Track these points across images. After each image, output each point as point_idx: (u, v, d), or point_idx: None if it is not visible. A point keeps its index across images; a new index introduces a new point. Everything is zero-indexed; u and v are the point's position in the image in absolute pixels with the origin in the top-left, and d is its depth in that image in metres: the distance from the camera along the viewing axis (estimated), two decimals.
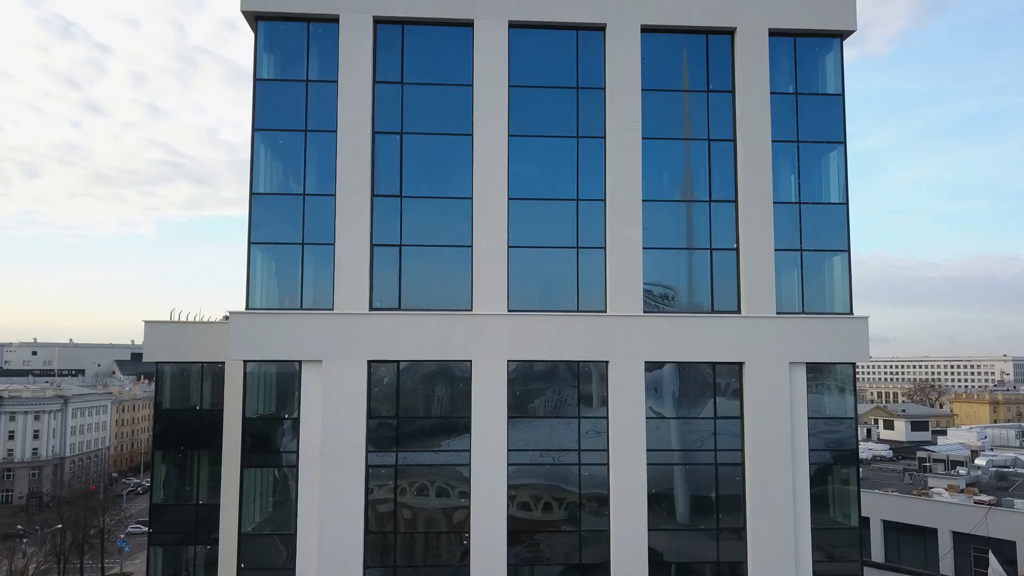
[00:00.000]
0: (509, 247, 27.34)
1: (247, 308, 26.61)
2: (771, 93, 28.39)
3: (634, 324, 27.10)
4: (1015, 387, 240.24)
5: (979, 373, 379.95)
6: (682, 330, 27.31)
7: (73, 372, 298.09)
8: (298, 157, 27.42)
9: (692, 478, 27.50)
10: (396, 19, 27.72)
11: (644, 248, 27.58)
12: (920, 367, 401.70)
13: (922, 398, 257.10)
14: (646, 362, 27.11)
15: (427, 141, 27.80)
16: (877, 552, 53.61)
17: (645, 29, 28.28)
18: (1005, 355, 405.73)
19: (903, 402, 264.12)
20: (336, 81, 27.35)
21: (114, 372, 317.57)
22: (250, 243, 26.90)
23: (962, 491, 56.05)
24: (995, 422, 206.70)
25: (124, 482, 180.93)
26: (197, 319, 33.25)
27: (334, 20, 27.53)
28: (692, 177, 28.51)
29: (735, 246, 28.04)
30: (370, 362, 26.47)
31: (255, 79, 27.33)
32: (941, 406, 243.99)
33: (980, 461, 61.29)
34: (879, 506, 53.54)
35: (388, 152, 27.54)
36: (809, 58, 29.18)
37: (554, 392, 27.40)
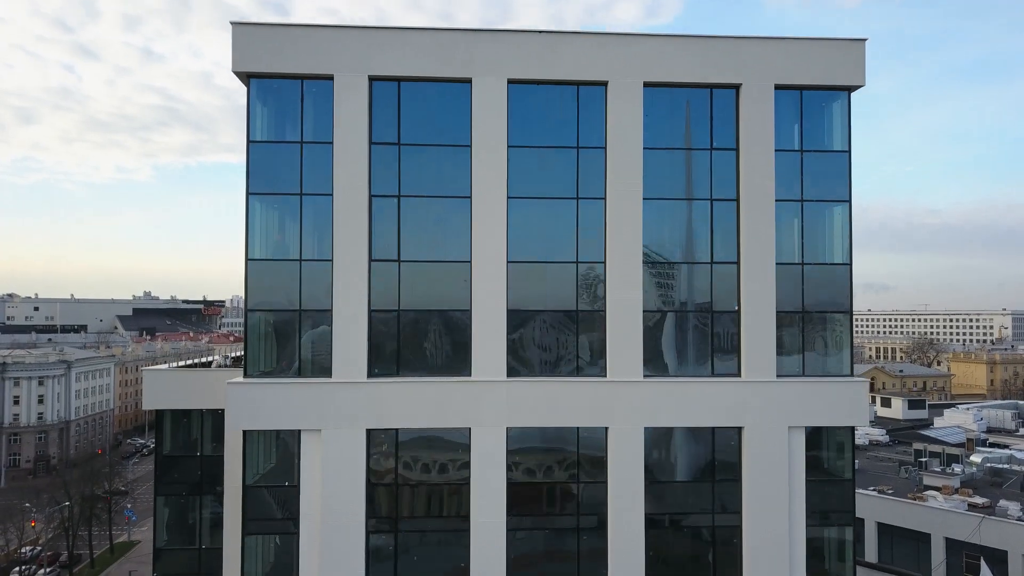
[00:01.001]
0: (508, 310, 27.09)
1: (245, 376, 26.51)
2: (776, 150, 27.75)
3: (634, 389, 27.04)
4: (1013, 346, 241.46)
5: (978, 327, 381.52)
6: (682, 395, 27.25)
7: (75, 328, 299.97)
8: (294, 220, 26.97)
9: (689, 540, 27.75)
10: (392, 77, 26.96)
11: (645, 311, 27.31)
12: (919, 320, 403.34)
13: (920, 356, 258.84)
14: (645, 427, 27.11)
15: (424, 204, 27.30)
16: (871, 553, 54.57)
17: (648, 84, 27.52)
18: (1004, 309, 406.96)
19: (901, 360, 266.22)
20: (331, 142, 26.72)
21: (116, 328, 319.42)
22: (247, 310, 26.66)
23: (957, 490, 56.80)
24: (992, 383, 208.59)
25: (129, 443, 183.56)
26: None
27: (328, 78, 26.78)
28: (694, 237, 28.06)
29: (736, 307, 27.78)
30: (369, 431, 26.48)
31: (248, 140, 26.73)
32: (939, 364, 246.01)
33: (975, 458, 61.89)
34: (874, 508, 54.25)
35: (385, 216, 27.09)
36: (815, 109, 28.46)
37: (553, 456, 27.49)
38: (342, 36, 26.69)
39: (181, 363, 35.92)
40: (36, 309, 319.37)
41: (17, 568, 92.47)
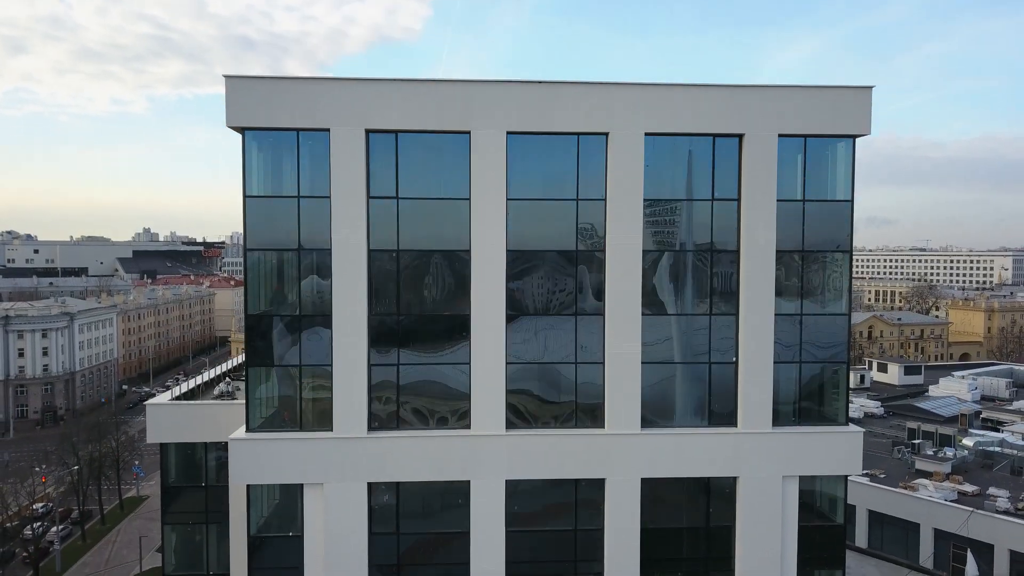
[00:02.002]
0: (508, 364, 27.26)
1: (247, 431, 26.84)
2: (778, 200, 27.47)
3: (632, 441, 27.41)
4: (1012, 293, 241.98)
5: (979, 268, 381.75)
6: (679, 446, 27.63)
7: (76, 271, 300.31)
8: (293, 274, 26.88)
9: None
10: (389, 130, 26.49)
11: (643, 363, 27.48)
12: (919, 261, 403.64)
13: (919, 302, 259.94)
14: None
15: (424, 255, 27.17)
16: (861, 538, 56.01)
17: (650, 134, 27.06)
18: (1005, 248, 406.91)
19: (900, 308, 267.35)
20: (329, 196, 26.43)
21: (116, 270, 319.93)
22: (248, 366, 26.81)
23: (948, 476, 57.93)
24: (989, 330, 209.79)
25: (135, 391, 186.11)
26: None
27: (324, 131, 26.32)
28: (693, 286, 28.00)
29: (734, 359, 27.93)
30: (370, 484, 26.97)
31: (244, 195, 26.43)
32: (937, 310, 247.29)
33: (968, 442, 62.86)
34: (866, 496, 55.48)
35: (384, 269, 26.99)
36: (819, 155, 28.04)
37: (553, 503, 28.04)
38: (338, 89, 26.11)
39: (185, 383, 36.24)
40: (36, 252, 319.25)
41: (30, 525, 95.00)
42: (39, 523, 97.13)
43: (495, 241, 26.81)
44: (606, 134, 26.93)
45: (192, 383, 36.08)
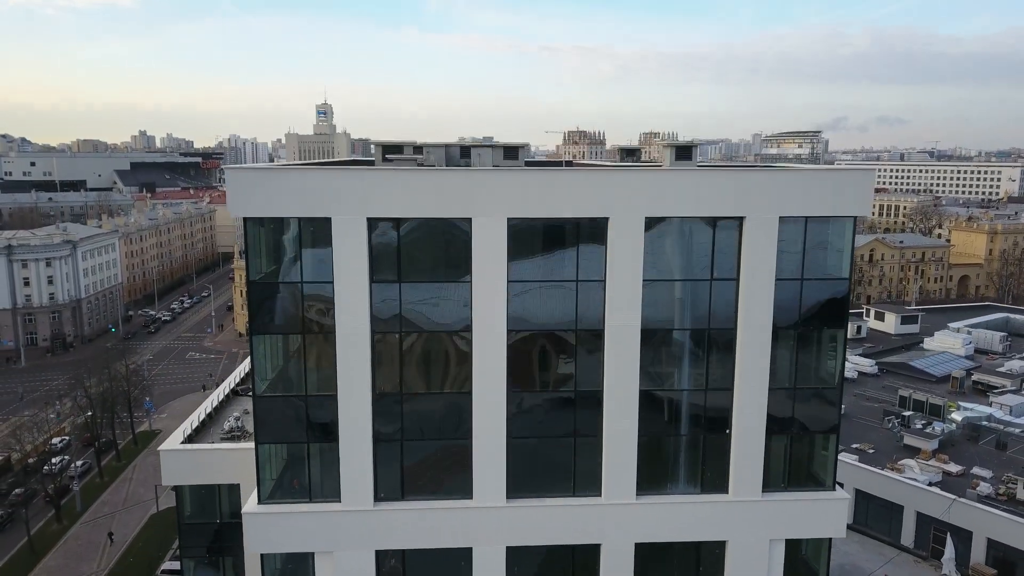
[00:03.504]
0: (510, 439, 28.21)
1: (259, 502, 28.07)
2: (776, 280, 27.75)
3: (627, 509, 28.68)
4: (1016, 213, 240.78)
5: (986, 180, 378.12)
6: (672, 513, 28.91)
7: (74, 184, 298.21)
8: (297, 355, 27.50)
9: None
10: (391, 218, 26.53)
11: (639, 437, 28.43)
12: (926, 172, 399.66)
13: (922, 219, 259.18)
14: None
15: (425, 340, 27.69)
16: (848, 514, 58.39)
17: (649, 218, 27.10)
18: (1015, 149, 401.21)
19: (904, 223, 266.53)
20: (332, 282, 26.74)
21: (115, 183, 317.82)
22: (258, 444, 27.79)
23: (935, 453, 59.90)
24: (990, 252, 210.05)
25: (140, 314, 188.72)
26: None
27: (326, 220, 26.37)
28: (691, 363, 28.62)
29: (728, 430, 28.86)
30: (377, 551, 28.42)
31: (247, 280, 26.73)
32: (940, 227, 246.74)
33: (956, 416, 64.58)
34: (853, 476, 57.54)
35: (389, 350, 27.57)
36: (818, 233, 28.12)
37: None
38: (339, 180, 26.00)
39: (195, 414, 37.33)
40: (33, 164, 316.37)
41: (49, 461, 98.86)
42: (58, 458, 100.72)
43: (496, 321, 27.26)
44: (606, 219, 26.92)
45: (201, 412, 37.18)
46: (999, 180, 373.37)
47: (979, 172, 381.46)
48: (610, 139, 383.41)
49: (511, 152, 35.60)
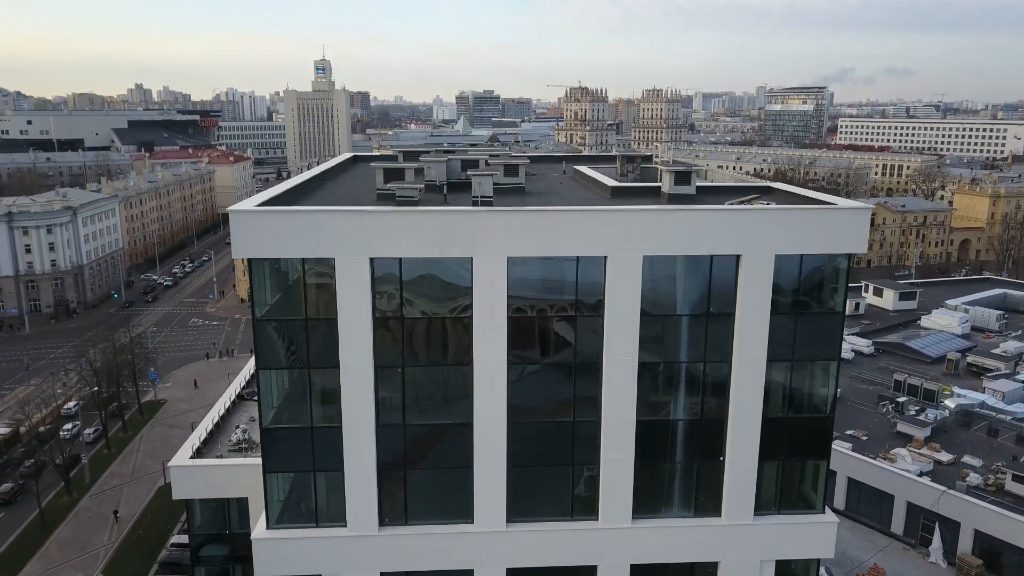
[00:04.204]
0: (510, 466, 29.07)
1: (268, 527, 29.07)
2: (772, 314, 28.31)
3: (623, 532, 29.69)
4: (1020, 176, 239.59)
5: (992, 138, 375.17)
6: (667, 537, 29.94)
7: (72, 143, 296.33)
8: (303, 389, 28.22)
9: None
10: (393, 258, 26.99)
11: (635, 466, 29.31)
12: (931, 129, 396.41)
13: (925, 181, 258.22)
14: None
15: (427, 373, 28.38)
16: (839, 500, 59.96)
17: (648, 256, 27.54)
18: (1021, 107, 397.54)
19: (907, 184, 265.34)
20: (336, 318, 27.31)
21: (113, 141, 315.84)
22: (266, 473, 28.66)
23: (927, 441, 61.09)
24: (992, 216, 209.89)
25: (143, 278, 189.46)
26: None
27: (329, 260, 26.82)
28: (686, 392, 29.34)
29: (721, 457, 29.71)
30: (383, 573, 29.52)
31: (254, 318, 27.29)
32: (943, 189, 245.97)
33: (950, 403, 65.63)
34: (846, 464, 58.88)
35: (392, 382, 28.28)
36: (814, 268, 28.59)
37: None
38: (342, 221, 26.39)
39: (203, 427, 38.20)
40: (29, 122, 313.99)
41: (64, 427, 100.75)
42: (71, 424, 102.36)
43: (496, 352, 27.89)
44: (604, 257, 27.37)
45: (209, 423, 38.04)
46: (1005, 138, 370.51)
47: (985, 130, 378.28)
48: (612, 93, 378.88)
49: (511, 170, 35.88)
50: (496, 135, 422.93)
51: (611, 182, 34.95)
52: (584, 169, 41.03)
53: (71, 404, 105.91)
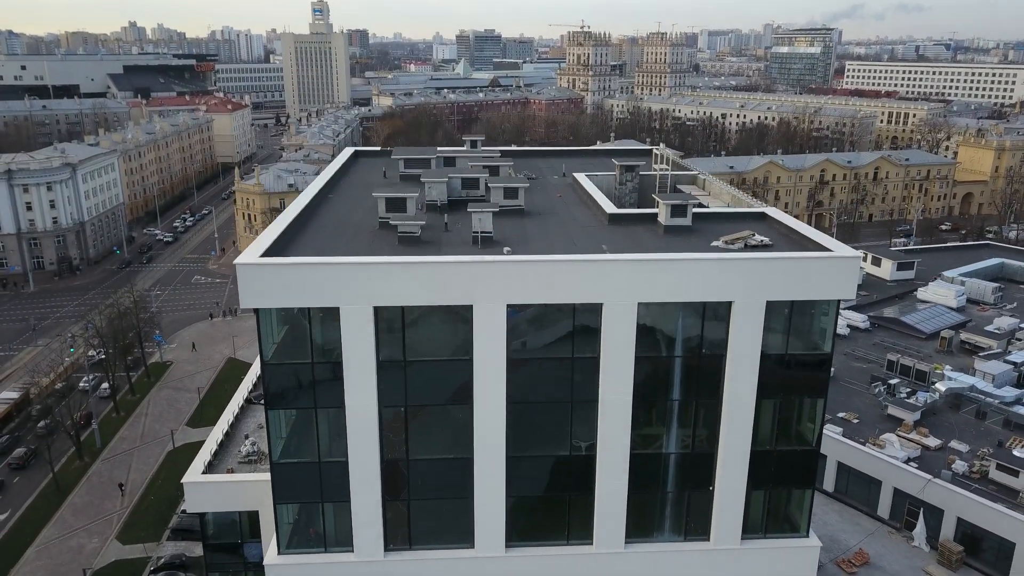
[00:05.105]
0: (508, 496, 30.46)
1: (279, 552, 30.63)
2: (762, 354, 29.29)
3: (616, 557, 31.27)
4: None
5: (1000, 83, 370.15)
6: (657, 560, 31.53)
7: (67, 90, 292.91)
8: (310, 426, 29.41)
9: None
10: (396, 306, 27.84)
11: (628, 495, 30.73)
12: (939, 74, 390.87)
13: (930, 131, 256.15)
14: None
15: (430, 412, 29.52)
16: (829, 483, 61.90)
17: (642, 303, 28.38)
18: None
19: (911, 139, 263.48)
20: (340, 362, 28.31)
21: (109, 87, 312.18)
22: (277, 503, 30.07)
23: (916, 425, 62.68)
24: (996, 170, 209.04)
25: (145, 232, 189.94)
26: None
27: (334, 309, 27.70)
28: (678, 428, 30.52)
29: (711, 487, 31.07)
30: None
31: (262, 362, 28.30)
32: (948, 140, 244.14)
33: (940, 386, 67.03)
34: (836, 449, 60.58)
35: (395, 421, 29.44)
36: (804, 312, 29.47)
37: None
38: (346, 272, 27.15)
39: (213, 439, 39.57)
40: (23, 68, 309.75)
41: (85, 377, 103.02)
42: (91, 375, 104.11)
43: (496, 393, 28.99)
44: (600, 305, 28.21)
45: (219, 434, 39.39)
46: (1014, 83, 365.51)
47: (994, 75, 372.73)
48: (616, 30, 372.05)
49: (511, 193, 36.43)
50: (497, 78, 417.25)
51: (609, 207, 35.49)
52: (583, 181, 41.42)
53: (94, 351, 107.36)
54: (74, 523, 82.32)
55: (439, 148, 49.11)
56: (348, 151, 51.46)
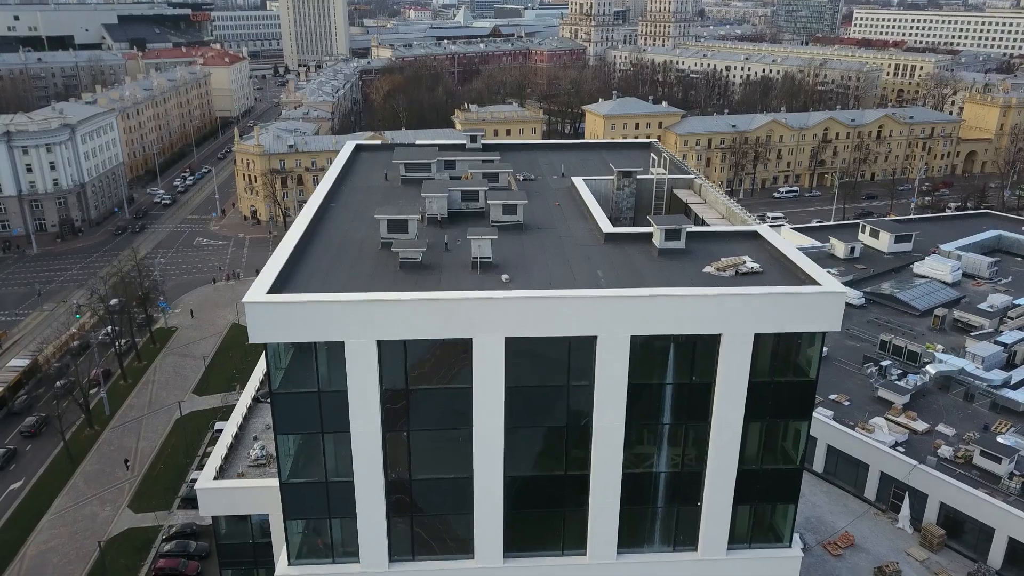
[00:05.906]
0: (507, 511, 32.09)
1: (289, 564, 32.38)
2: (749, 382, 30.55)
3: (608, 567, 33.05)
4: None
5: (1010, 33, 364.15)
6: (647, 570, 33.30)
7: (62, 41, 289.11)
8: (317, 449, 30.86)
9: None
10: (399, 340, 28.99)
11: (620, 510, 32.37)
12: (948, 23, 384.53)
13: (936, 86, 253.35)
14: None
15: (432, 435, 30.94)
16: (819, 465, 63.91)
17: (635, 335, 29.53)
18: None
19: (917, 93, 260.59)
20: (346, 391, 29.61)
21: (104, 38, 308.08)
22: (287, 519, 31.70)
23: (905, 408, 64.35)
24: (1001, 127, 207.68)
25: (147, 192, 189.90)
26: None
27: (339, 343, 28.84)
28: (669, 449, 31.97)
29: (699, 503, 32.66)
30: None
31: (271, 391, 29.59)
32: (955, 95, 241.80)
33: (931, 369, 68.50)
34: (825, 433, 62.42)
35: (398, 444, 30.87)
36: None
37: None
38: (350, 309, 28.20)
39: (221, 444, 41.11)
40: (16, 19, 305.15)
41: (105, 330, 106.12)
42: (112, 328, 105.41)
43: (494, 420, 30.36)
44: (594, 337, 29.34)
45: (228, 437, 40.91)
46: (1021, 34, 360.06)
47: (1004, 24, 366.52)
48: None
49: (510, 209, 37.23)
50: (498, 27, 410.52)
51: (606, 225, 36.29)
52: (581, 188, 42.09)
53: (113, 301, 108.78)
54: (87, 491, 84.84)
55: (439, 144, 49.52)
56: (350, 146, 51.92)
